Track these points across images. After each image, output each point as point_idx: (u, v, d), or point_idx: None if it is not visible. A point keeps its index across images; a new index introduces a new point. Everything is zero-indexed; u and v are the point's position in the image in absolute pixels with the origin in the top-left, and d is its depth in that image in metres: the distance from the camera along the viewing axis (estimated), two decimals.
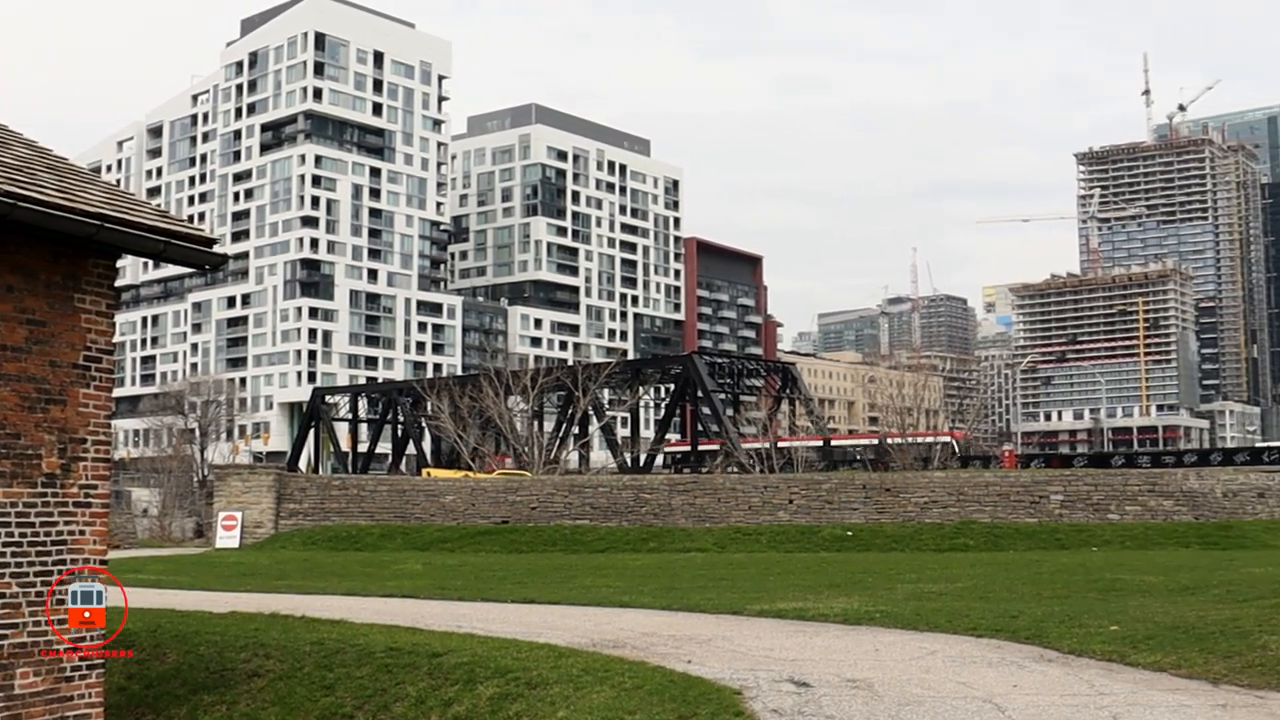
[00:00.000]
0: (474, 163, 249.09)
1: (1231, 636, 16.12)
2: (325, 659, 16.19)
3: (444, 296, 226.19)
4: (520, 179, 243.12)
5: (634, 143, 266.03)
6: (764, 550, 43.36)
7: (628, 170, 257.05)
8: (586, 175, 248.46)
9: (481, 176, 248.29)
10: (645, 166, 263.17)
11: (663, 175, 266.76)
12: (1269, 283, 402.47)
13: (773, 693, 12.77)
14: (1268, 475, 58.42)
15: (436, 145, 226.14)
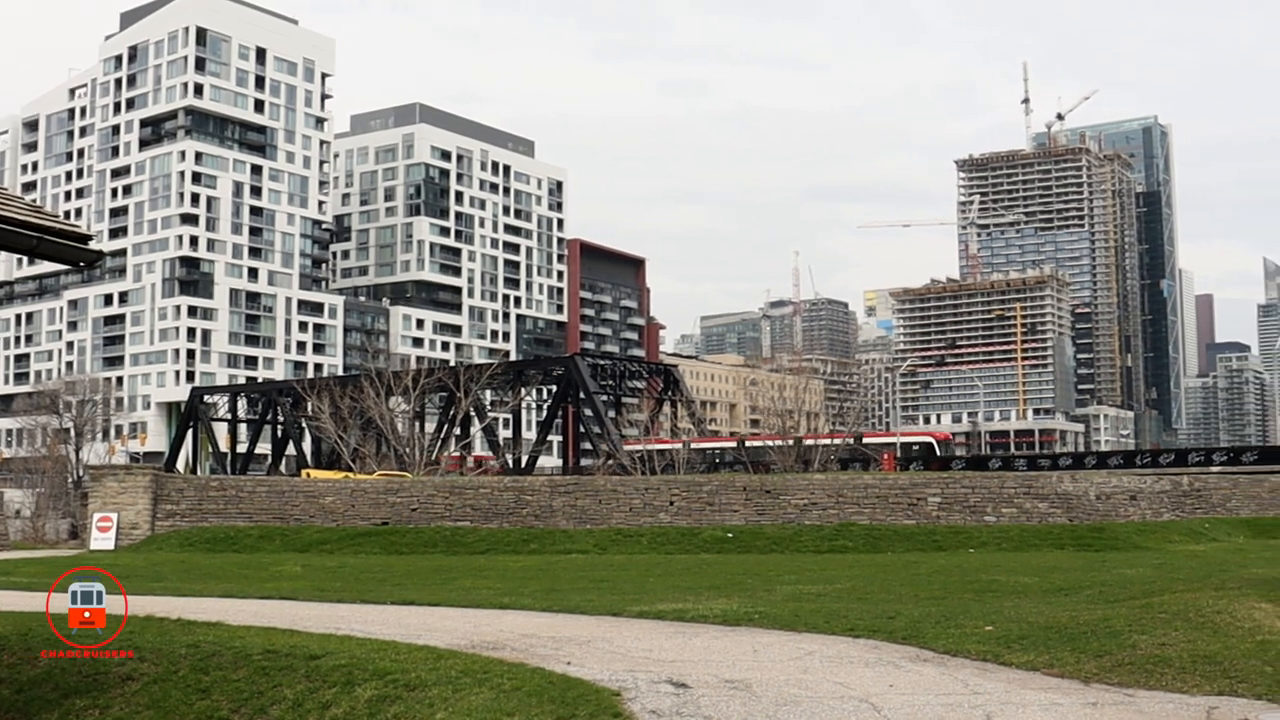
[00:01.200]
0: (357, 161, 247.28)
1: (1103, 636, 16.42)
2: (201, 662, 16.02)
3: (325, 296, 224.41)
4: (403, 178, 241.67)
5: (518, 143, 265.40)
6: (645, 552, 43.43)
7: (511, 171, 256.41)
8: (470, 175, 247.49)
9: (364, 175, 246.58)
10: (529, 167, 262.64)
11: (547, 176, 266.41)
12: (1143, 289, 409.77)
13: (651, 694, 12.81)
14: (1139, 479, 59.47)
15: (319, 143, 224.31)
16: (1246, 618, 18.42)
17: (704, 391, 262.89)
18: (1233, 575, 27.72)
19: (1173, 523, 52.86)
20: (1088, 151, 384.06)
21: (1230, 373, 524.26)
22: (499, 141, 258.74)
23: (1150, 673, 13.75)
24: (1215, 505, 59.72)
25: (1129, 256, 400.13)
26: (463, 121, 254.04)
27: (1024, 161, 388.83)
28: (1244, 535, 53.39)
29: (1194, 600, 20.67)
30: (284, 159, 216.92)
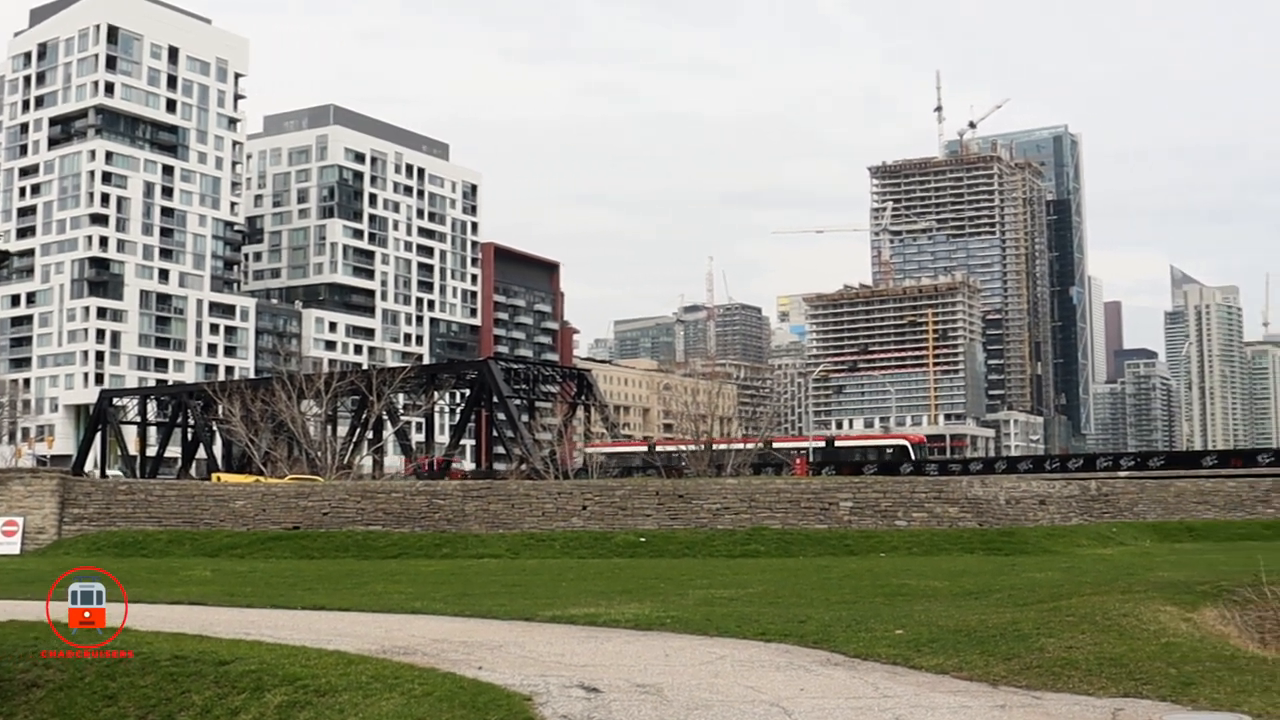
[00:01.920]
0: (270, 163, 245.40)
1: (1011, 639, 16.57)
2: (108, 668, 15.84)
3: (237, 298, 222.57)
4: (317, 180, 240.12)
5: (433, 146, 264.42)
6: (557, 556, 43.37)
7: (426, 174, 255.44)
8: (384, 178, 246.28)
9: (277, 177, 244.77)
10: (444, 170, 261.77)
11: (461, 180, 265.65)
12: (1053, 296, 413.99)
13: (563, 698, 12.80)
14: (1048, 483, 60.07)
15: (232, 144, 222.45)
16: (1152, 620, 18.67)
17: (617, 396, 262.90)
18: (1139, 579, 28.06)
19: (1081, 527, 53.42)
20: (999, 159, 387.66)
21: (1138, 379, 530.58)
22: (413, 144, 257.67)
23: (1058, 675, 13.89)
24: (1123, 510, 60.44)
25: (1039, 264, 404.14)
26: (377, 123, 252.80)
27: (936, 169, 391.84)
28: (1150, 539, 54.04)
29: (1101, 604, 20.91)
30: (196, 159, 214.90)
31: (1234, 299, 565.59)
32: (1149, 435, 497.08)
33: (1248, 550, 42.55)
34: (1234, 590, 24.02)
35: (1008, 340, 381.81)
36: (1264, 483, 69.31)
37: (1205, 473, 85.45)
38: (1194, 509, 63.48)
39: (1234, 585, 24.67)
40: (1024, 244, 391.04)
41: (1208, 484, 68.16)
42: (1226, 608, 22.44)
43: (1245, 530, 59.21)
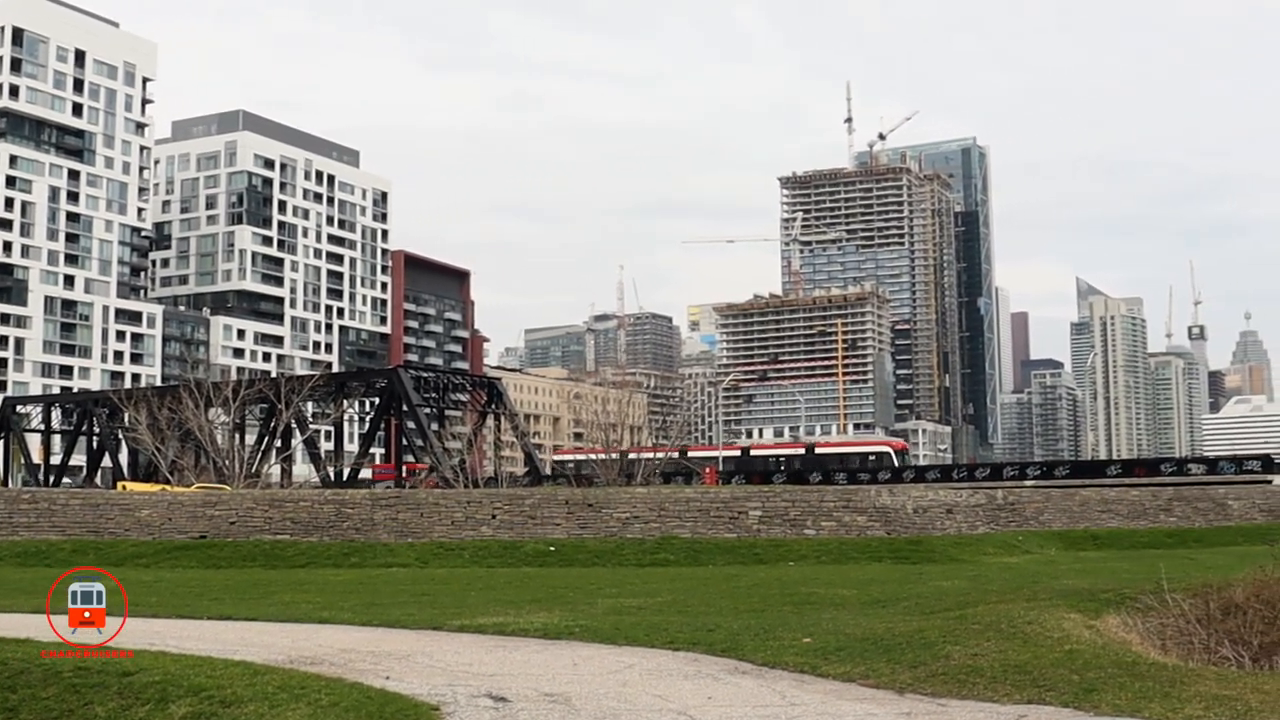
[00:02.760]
0: (178, 168, 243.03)
1: (917, 647, 16.70)
2: (8, 680, 15.60)
3: (144, 305, 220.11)
4: (225, 186, 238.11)
5: (343, 153, 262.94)
6: (466, 565, 43.25)
7: (336, 181, 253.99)
8: (294, 184, 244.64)
9: (186, 183, 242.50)
10: (354, 177, 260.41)
11: (371, 187, 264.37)
12: (961, 307, 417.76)
13: (470, 708, 12.77)
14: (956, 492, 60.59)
15: (139, 149, 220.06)
16: (1056, 628, 18.87)
17: (528, 404, 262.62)
18: (1044, 586, 28.34)
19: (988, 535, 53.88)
20: (908, 171, 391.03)
21: (1044, 389, 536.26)
22: (323, 150, 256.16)
23: (963, 682, 13.99)
24: (1029, 518, 61.04)
25: (948, 275, 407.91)
26: (287, 130, 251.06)
27: (846, 180, 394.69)
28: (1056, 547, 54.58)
29: (1006, 611, 21.11)
30: (102, 164, 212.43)
31: (1138, 310, 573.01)
32: (1055, 444, 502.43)
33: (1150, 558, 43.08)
34: (1136, 598, 24.32)
35: (916, 350, 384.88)
36: (1166, 491, 70.30)
37: (1110, 482, 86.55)
38: (1098, 517, 64.25)
39: (1137, 593, 24.97)
40: (932, 255, 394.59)
41: (1112, 493, 69.02)
42: (1129, 615, 22.71)
43: (1148, 538, 59.97)
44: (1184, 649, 21.06)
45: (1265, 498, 71.10)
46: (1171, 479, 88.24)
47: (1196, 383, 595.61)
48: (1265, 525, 64.79)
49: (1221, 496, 69.56)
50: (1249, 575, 25.43)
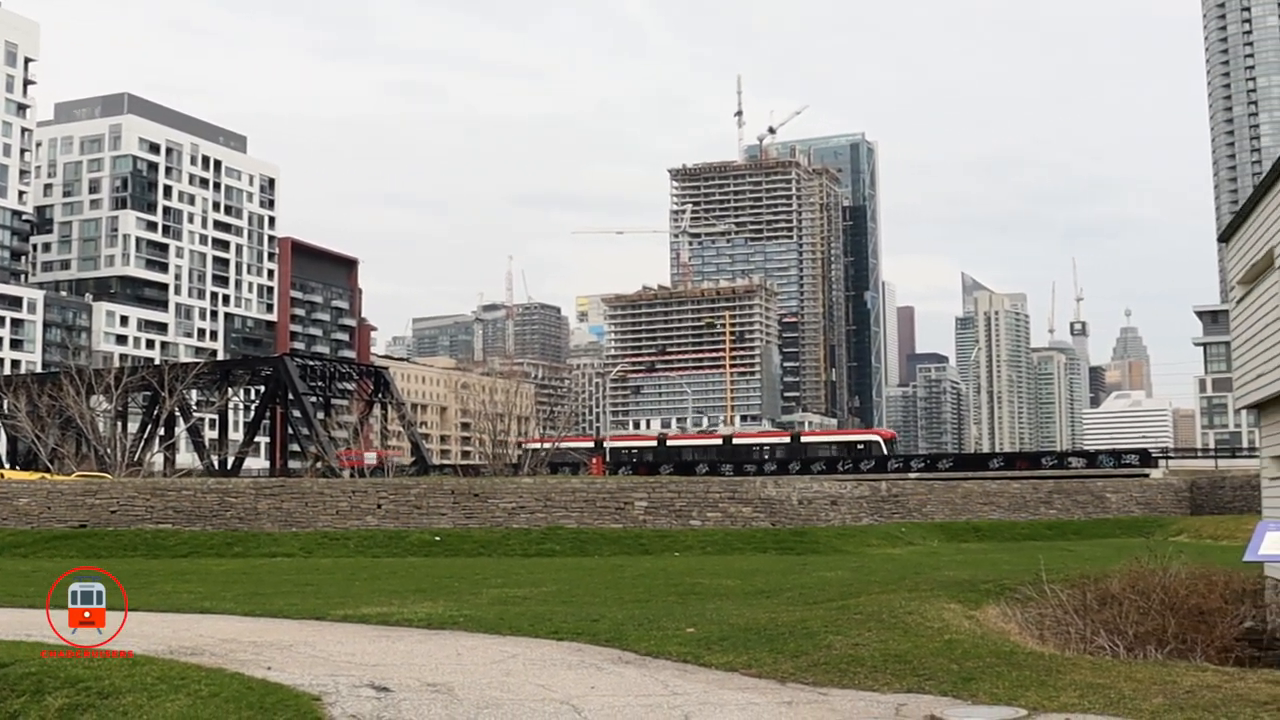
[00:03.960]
0: (60, 151, 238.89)
1: (800, 637, 16.84)
2: None
3: (24, 290, 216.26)
4: (109, 170, 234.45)
5: (230, 138, 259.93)
6: (351, 555, 43.07)
7: (223, 166, 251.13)
8: (179, 169, 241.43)
9: (68, 166, 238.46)
10: (241, 163, 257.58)
11: (259, 173, 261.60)
12: (848, 300, 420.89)
13: (352, 698, 12.70)
14: (840, 484, 61.13)
15: (20, 131, 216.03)
16: (936, 618, 19.11)
17: (415, 394, 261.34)
18: (926, 577, 28.68)
19: (871, 527, 54.43)
20: (797, 165, 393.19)
21: (929, 382, 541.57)
22: (210, 136, 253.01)
23: (844, 672, 14.11)
24: (912, 510, 61.76)
25: (835, 268, 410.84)
26: (173, 114, 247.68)
27: (736, 173, 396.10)
28: (938, 539, 55.23)
29: (888, 602, 21.35)
30: None
31: (1022, 306, 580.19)
32: (939, 438, 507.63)
33: (1030, 550, 43.77)
34: (1016, 589, 24.69)
35: (803, 343, 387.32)
36: (1047, 484, 71.40)
37: (992, 475, 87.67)
38: (980, 510, 65.17)
39: (1016, 584, 25.35)
40: (820, 249, 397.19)
41: (994, 485, 69.99)
42: (1008, 605, 23.05)
43: (1029, 530, 60.92)
44: (1061, 638, 21.39)
45: (1142, 491, 72.38)
46: (1052, 472, 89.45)
47: (1078, 378, 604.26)
48: (1142, 518, 66.03)
49: (1100, 490, 70.73)
50: (1125, 567, 25.90)
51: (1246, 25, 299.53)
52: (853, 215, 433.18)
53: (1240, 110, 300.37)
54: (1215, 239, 46.08)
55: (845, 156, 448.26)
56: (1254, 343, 24.71)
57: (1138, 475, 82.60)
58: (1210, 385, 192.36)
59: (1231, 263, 27.21)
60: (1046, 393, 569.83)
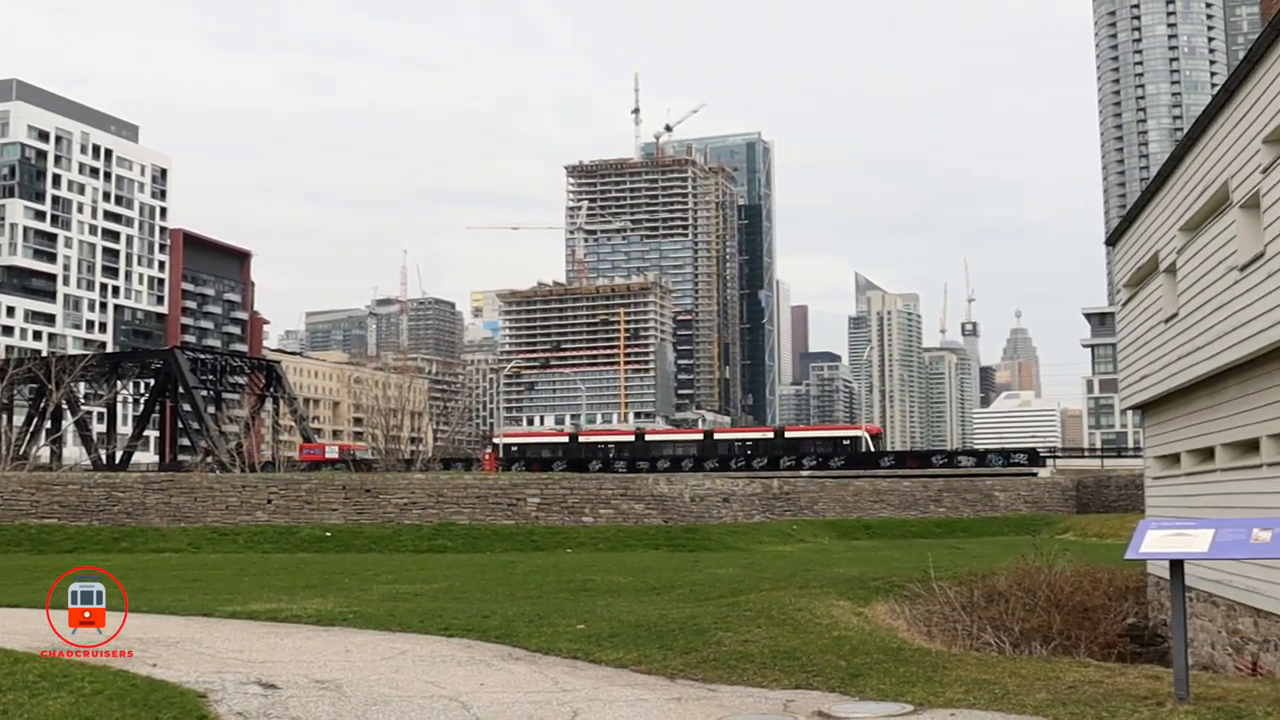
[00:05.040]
0: None
1: (690, 633, 16.93)
2: None
3: None
4: None
5: (122, 127, 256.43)
6: (240, 551, 42.74)
7: (114, 156, 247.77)
8: (69, 158, 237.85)
9: None
10: (133, 153, 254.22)
11: (151, 163, 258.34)
12: (742, 299, 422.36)
13: (238, 695, 12.59)
14: (732, 482, 61.44)
15: None
16: (825, 615, 19.27)
17: (308, 389, 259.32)
18: (816, 574, 28.91)
19: (763, 524, 54.74)
20: (694, 163, 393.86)
21: (822, 381, 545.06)
22: (101, 124, 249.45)
23: (733, 668, 14.18)
24: (803, 508, 62.19)
25: (730, 267, 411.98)
26: (63, 101, 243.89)
27: (632, 170, 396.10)
28: (829, 536, 55.65)
29: (777, 599, 21.51)
30: None
31: (914, 306, 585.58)
32: None
33: (920, 547, 44.22)
34: (905, 586, 24.96)
35: (698, 340, 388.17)
36: (936, 483, 72.20)
37: (883, 473, 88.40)
38: (871, 508, 65.76)
39: (905, 581, 25.62)
40: (715, 247, 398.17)
41: (884, 484, 70.67)
42: (897, 602, 23.30)
43: (918, 528, 61.56)
44: (949, 635, 21.64)
45: (1030, 490, 73.33)
46: (942, 471, 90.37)
47: (968, 378, 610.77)
48: (1029, 516, 66.94)
49: (989, 488, 71.58)
50: (1011, 564, 26.25)
51: (1136, 34, 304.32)
52: (748, 214, 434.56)
53: (1129, 117, 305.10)
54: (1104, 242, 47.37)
55: (741, 155, 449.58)
56: (1139, 345, 25.10)
57: (1026, 474, 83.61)
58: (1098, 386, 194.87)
59: (1118, 266, 27.62)
60: (938, 392, 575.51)
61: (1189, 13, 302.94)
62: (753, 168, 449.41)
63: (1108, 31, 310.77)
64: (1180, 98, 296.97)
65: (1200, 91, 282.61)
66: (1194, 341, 19.96)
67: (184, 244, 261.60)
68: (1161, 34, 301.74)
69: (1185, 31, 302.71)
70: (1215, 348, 18.56)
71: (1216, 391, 19.88)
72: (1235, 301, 17.30)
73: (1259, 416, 17.55)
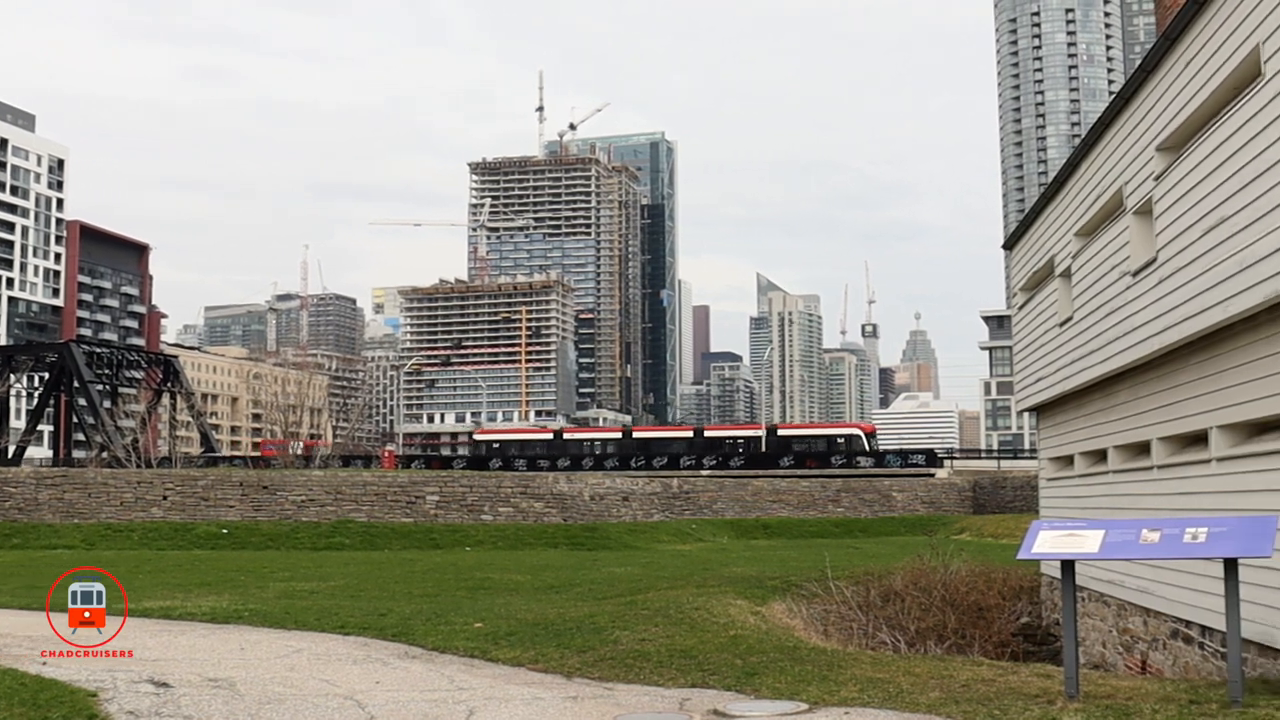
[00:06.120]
0: None
1: (587, 632, 16.96)
2: None
3: None
4: None
5: (18, 116, 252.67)
6: (135, 548, 42.31)
7: (9, 145, 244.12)
8: None
9: None
10: (28, 142, 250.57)
11: (47, 153, 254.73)
12: (644, 298, 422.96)
13: (130, 694, 12.45)
14: (632, 480, 61.53)
15: None
16: (722, 614, 19.36)
17: (205, 384, 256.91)
18: (714, 574, 29.00)
19: (662, 523, 54.87)
20: (597, 162, 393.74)
21: (723, 381, 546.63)
22: None
23: (630, 667, 14.20)
24: (703, 507, 62.39)
25: (632, 266, 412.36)
26: None
27: (535, 168, 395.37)
28: (728, 535, 55.89)
29: (675, 597, 21.57)
30: None
31: (815, 307, 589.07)
32: None
33: (818, 547, 44.51)
34: (802, 585, 25.11)
35: (599, 339, 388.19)
36: (835, 483, 72.65)
37: (782, 473, 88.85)
38: (770, 507, 66.10)
39: (802, 580, 25.79)
40: (618, 246, 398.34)
41: (783, 484, 71.05)
42: (794, 602, 23.42)
43: (817, 528, 61.93)
44: (845, 634, 21.81)
45: (927, 490, 73.97)
46: (841, 471, 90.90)
47: (868, 379, 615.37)
48: (926, 516, 67.54)
49: (887, 488, 72.13)
50: (908, 564, 26.50)
51: (1037, 41, 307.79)
52: (651, 214, 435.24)
53: (1029, 122, 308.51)
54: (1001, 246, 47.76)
55: (645, 155, 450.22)
56: (1034, 348, 25.40)
57: (923, 475, 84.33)
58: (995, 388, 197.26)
59: (1015, 270, 27.93)
60: (838, 393, 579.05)
61: (1088, 21, 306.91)
62: (656, 167, 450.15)
63: (1009, 38, 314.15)
64: (1079, 104, 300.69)
65: (1098, 99, 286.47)
66: (1088, 345, 20.22)
67: (81, 236, 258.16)
68: (1061, 42, 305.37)
69: (1084, 39, 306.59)
70: (1108, 351, 18.81)
71: (1109, 394, 20.15)
72: (1128, 306, 17.55)
73: (1150, 419, 17.81)
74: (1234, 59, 13.28)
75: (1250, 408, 13.91)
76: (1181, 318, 15.03)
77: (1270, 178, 12.26)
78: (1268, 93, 12.35)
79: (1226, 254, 13.46)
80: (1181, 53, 15.13)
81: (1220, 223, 13.66)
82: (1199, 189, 14.39)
